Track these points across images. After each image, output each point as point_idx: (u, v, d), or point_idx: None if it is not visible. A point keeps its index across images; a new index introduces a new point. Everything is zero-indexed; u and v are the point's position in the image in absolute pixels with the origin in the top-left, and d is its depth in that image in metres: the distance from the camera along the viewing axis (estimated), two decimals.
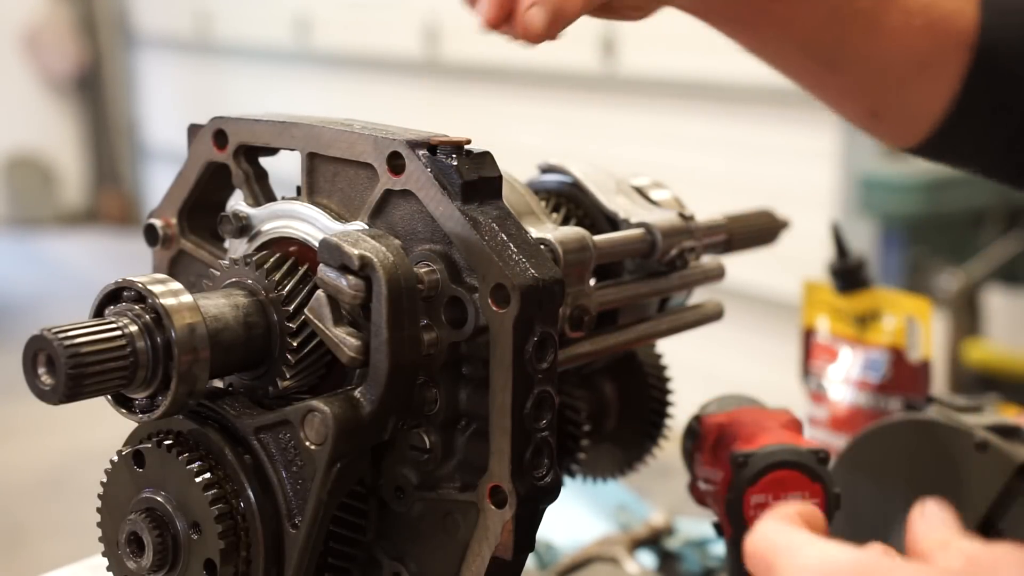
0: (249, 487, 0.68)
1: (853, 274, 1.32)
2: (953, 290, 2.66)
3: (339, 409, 0.67)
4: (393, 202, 0.72)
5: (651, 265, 0.87)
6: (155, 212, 0.83)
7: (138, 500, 0.70)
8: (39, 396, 0.63)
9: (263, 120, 0.77)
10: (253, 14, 6.39)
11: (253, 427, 0.70)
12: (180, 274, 0.82)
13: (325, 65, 5.84)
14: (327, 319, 0.68)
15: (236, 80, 6.71)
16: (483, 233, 0.68)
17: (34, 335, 0.62)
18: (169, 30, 7.23)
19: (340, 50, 5.68)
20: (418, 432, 0.71)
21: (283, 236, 0.76)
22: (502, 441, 0.67)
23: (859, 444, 0.96)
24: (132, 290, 0.66)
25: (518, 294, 0.66)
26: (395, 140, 0.70)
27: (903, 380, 1.28)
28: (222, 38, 6.70)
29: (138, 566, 0.70)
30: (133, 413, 0.68)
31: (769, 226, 1.06)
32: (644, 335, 0.87)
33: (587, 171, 0.91)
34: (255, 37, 6.36)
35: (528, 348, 0.67)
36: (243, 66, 6.58)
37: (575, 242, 0.78)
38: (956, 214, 2.79)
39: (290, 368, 0.71)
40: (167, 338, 0.65)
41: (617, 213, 0.88)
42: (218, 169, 0.80)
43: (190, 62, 7.14)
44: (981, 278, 2.74)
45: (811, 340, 1.36)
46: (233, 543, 0.68)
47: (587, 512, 1.27)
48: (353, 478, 0.70)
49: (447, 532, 0.71)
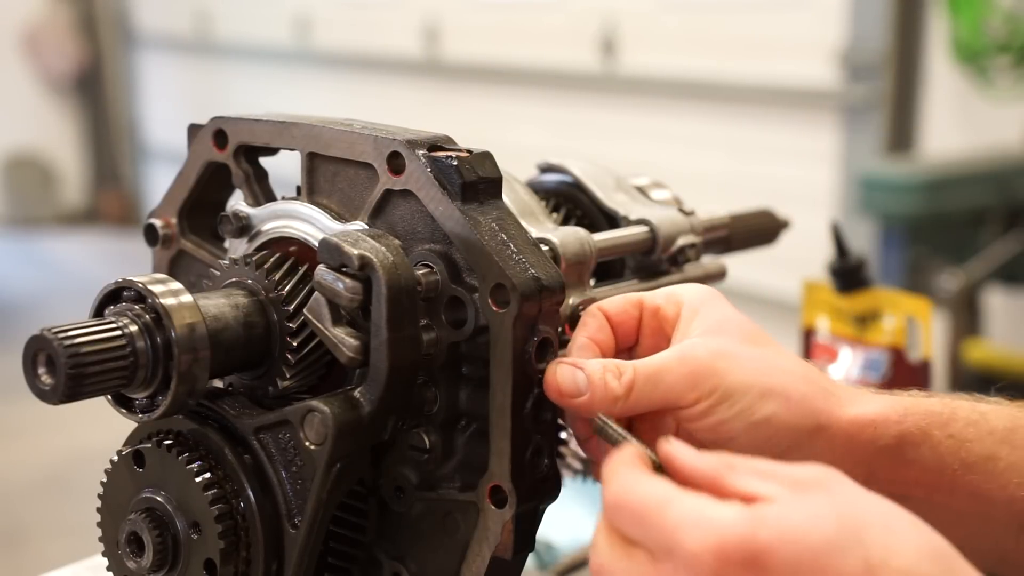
0: (249, 487, 0.68)
1: (853, 274, 1.32)
2: (953, 290, 2.66)
3: (339, 409, 0.67)
4: (393, 202, 0.72)
5: (652, 263, 0.87)
6: (155, 212, 0.83)
7: (138, 500, 0.70)
8: (39, 396, 0.63)
9: (263, 120, 0.77)
10: (253, 14, 6.39)
11: (253, 427, 0.70)
12: (180, 274, 0.82)
13: (325, 65, 5.84)
14: (326, 319, 0.68)
15: (236, 80, 6.71)
16: (483, 233, 0.67)
17: (34, 335, 0.62)
18: (169, 30, 7.23)
19: (340, 50, 5.68)
20: (418, 432, 0.71)
21: (283, 236, 0.76)
22: (502, 441, 0.67)
23: None
24: (132, 290, 0.66)
25: (518, 294, 0.66)
26: (395, 140, 0.70)
27: (903, 380, 1.27)
28: (222, 38, 6.70)
29: (138, 566, 0.70)
30: (133, 413, 0.68)
31: (769, 226, 1.06)
32: None
33: (587, 169, 0.91)
34: (255, 37, 6.37)
35: (528, 348, 0.67)
36: (243, 66, 6.58)
37: (575, 242, 0.78)
38: (956, 214, 2.79)
39: (290, 368, 0.71)
40: (167, 338, 0.65)
41: (617, 210, 0.88)
42: (218, 169, 0.80)
43: (190, 62, 7.14)
44: (981, 278, 2.74)
45: (811, 340, 1.36)
46: (233, 543, 0.68)
47: (587, 512, 1.27)
48: (353, 478, 0.70)
49: (447, 532, 0.71)
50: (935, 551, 0.54)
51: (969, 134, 3.25)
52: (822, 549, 0.52)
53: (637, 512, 0.56)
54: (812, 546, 0.52)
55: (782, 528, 0.52)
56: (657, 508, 0.55)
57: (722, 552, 0.52)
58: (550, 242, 0.77)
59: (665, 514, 0.54)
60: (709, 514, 0.53)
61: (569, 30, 4.39)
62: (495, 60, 4.74)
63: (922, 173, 2.82)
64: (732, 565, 0.52)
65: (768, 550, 0.52)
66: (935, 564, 0.53)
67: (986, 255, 2.75)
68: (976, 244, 2.80)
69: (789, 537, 0.52)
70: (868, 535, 0.53)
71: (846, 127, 3.52)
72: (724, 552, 0.52)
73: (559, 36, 4.43)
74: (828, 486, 0.56)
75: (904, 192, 2.71)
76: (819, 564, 0.52)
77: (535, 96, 4.58)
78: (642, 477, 0.58)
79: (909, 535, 0.54)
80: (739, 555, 0.52)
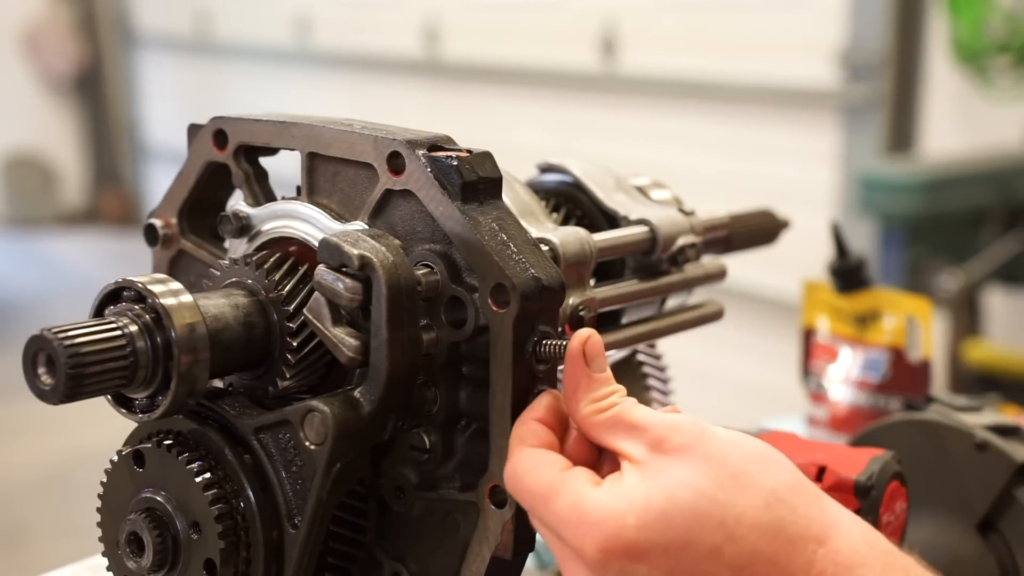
0: (249, 487, 0.68)
1: (853, 274, 1.32)
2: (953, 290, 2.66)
3: (339, 409, 0.67)
4: (393, 202, 0.72)
5: (652, 263, 0.87)
6: (155, 212, 0.83)
7: (138, 500, 0.70)
8: (39, 396, 0.63)
9: (263, 120, 0.77)
10: (253, 14, 6.39)
11: (253, 427, 0.70)
12: (180, 274, 0.82)
13: (325, 65, 5.84)
14: (326, 319, 0.68)
15: (236, 80, 6.71)
16: (483, 233, 0.67)
17: (34, 335, 0.62)
18: (169, 30, 7.23)
19: (340, 50, 5.68)
20: (418, 432, 0.71)
21: (283, 236, 0.76)
22: (502, 441, 0.67)
23: (859, 444, 0.96)
24: (132, 290, 0.66)
25: (518, 294, 0.66)
26: (395, 140, 0.70)
27: (903, 380, 1.28)
28: (222, 38, 6.70)
29: (138, 566, 0.70)
30: (133, 413, 0.68)
31: (769, 226, 1.06)
32: (644, 335, 0.87)
33: (586, 169, 0.91)
34: (255, 37, 6.36)
35: (528, 348, 0.67)
36: (243, 66, 6.58)
37: (575, 242, 0.78)
38: (956, 214, 2.79)
39: (290, 368, 0.71)
40: (167, 338, 0.65)
41: (617, 210, 0.88)
42: (218, 169, 0.80)
43: (190, 62, 7.14)
44: (981, 278, 2.74)
45: (811, 340, 1.36)
46: (233, 543, 0.68)
47: None
48: (353, 478, 0.70)
49: (447, 532, 0.71)
50: (772, 496, 0.59)
51: (969, 134, 3.25)
52: (684, 524, 0.58)
53: (526, 501, 0.63)
54: (675, 523, 0.58)
55: (648, 514, 0.59)
56: (543, 501, 0.62)
57: (602, 549, 0.59)
58: (550, 242, 0.77)
59: (548, 508, 0.62)
60: (584, 510, 0.60)
61: (569, 30, 4.38)
62: (495, 60, 4.74)
63: (922, 173, 2.82)
64: (613, 556, 0.59)
65: (638, 539, 0.58)
66: (770, 512, 0.59)
67: (986, 255, 2.75)
68: (976, 244, 2.80)
69: (654, 523, 0.58)
70: (723, 494, 0.59)
71: (846, 127, 3.52)
72: (603, 549, 0.59)
73: (559, 36, 4.43)
74: (689, 446, 0.61)
75: (904, 192, 2.71)
76: (682, 539, 0.58)
77: (535, 96, 4.58)
78: (533, 463, 0.63)
79: (756, 483, 0.60)
80: (617, 548, 0.59)
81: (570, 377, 0.65)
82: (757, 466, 0.61)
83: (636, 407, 0.64)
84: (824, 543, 0.59)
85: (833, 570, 0.59)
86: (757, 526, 0.58)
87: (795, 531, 0.59)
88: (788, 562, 0.58)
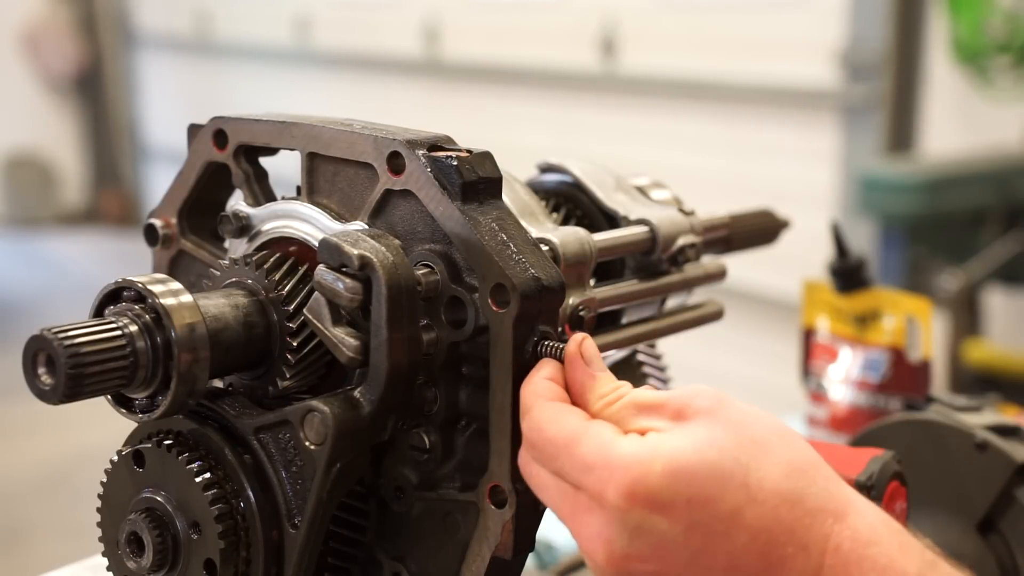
0: (249, 487, 0.68)
1: (853, 274, 1.32)
2: (953, 290, 2.66)
3: (339, 409, 0.67)
4: (393, 202, 0.72)
5: (652, 263, 0.87)
6: (155, 212, 0.83)
7: (138, 500, 0.70)
8: (39, 396, 0.63)
9: (263, 120, 0.77)
10: (253, 14, 6.39)
11: (253, 427, 0.70)
12: (180, 274, 0.82)
13: (325, 65, 5.84)
14: (326, 319, 0.68)
15: (236, 80, 6.71)
16: (483, 233, 0.67)
17: (34, 335, 0.62)
18: (169, 30, 7.23)
19: (340, 50, 5.68)
20: (418, 432, 0.71)
21: (283, 236, 0.76)
22: (502, 441, 0.67)
23: (859, 444, 0.96)
24: (132, 290, 0.66)
25: (518, 294, 0.66)
26: (395, 140, 0.70)
27: (903, 380, 1.28)
28: (222, 38, 6.70)
29: (138, 566, 0.70)
30: (133, 413, 0.68)
31: (769, 226, 1.06)
32: (644, 335, 0.87)
33: (586, 169, 0.91)
34: (255, 37, 6.36)
35: (528, 348, 0.67)
36: (243, 66, 6.58)
37: (575, 242, 0.78)
38: (956, 214, 2.79)
39: (290, 368, 0.71)
40: (167, 338, 0.65)
41: (617, 210, 0.88)
42: (218, 169, 0.80)
43: (190, 62, 7.14)
44: (981, 278, 2.74)
45: (811, 340, 1.36)
46: (233, 543, 0.68)
47: None
48: (353, 478, 0.70)
49: (447, 532, 0.71)
50: (792, 466, 0.60)
51: (969, 134, 3.25)
52: (709, 480, 0.58)
53: (548, 450, 0.63)
54: (701, 477, 0.58)
55: (676, 463, 0.58)
56: (566, 448, 0.61)
57: (627, 494, 0.58)
58: (550, 242, 0.77)
59: (573, 453, 0.61)
60: (611, 453, 0.60)
61: (569, 30, 4.38)
62: (495, 60, 4.74)
63: (922, 173, 2.82)
64: (636, 503, 0.58)
65: (663, 488, 0.58)
66: (790, 481, 0.59)
67: (986, 255, 2.75)
68: (976, 244, 2.80)
69: (681, 473, 0.58)
70: (745, 456, 0.59)
71: (846, 127, 3.52)
72: (628, 494, 0.58)
73: (559, 36, 4.43)
74: (712, 410, 0.61)
75: (904, 192, 2.71)
76: (706, 495, 0.58)
77: (535, 96, 4.58)
78: (555, 413, 0.63)
79: (778, 451, 0.60)
80: (641, 494, 0.58)
81: (574, 380, 0.66)
82: (777, 438, 0.61)
83: (646, 390, 0.65)
84: (841, 519, 0.59)
85: (850, 545, 0.59)
86: (778, 492, 0.59)
87: (814, 503, 0.59)
88: (806, 532, 0.59)
